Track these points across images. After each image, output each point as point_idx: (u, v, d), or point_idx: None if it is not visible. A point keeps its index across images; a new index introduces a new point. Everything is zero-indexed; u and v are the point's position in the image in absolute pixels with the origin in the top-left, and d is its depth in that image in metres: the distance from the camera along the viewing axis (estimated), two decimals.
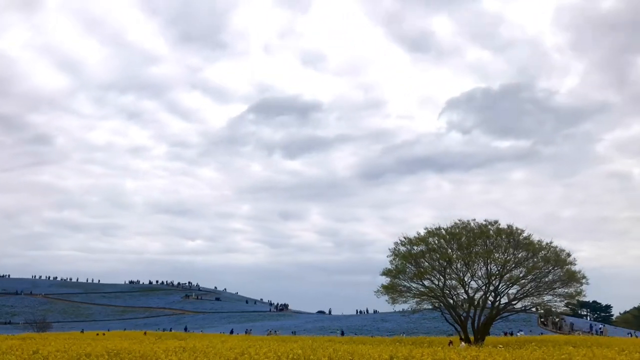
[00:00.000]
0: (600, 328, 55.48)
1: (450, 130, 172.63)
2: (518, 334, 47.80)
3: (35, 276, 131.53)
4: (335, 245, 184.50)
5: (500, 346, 24.19)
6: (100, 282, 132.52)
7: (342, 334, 53.11)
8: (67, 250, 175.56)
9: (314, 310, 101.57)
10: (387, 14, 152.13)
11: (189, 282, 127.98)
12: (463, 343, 25.85)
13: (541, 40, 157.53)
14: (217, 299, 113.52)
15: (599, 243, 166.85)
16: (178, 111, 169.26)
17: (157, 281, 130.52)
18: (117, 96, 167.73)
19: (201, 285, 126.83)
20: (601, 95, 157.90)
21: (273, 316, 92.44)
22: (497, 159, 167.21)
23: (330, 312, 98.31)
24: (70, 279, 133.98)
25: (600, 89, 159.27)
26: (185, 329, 62.46)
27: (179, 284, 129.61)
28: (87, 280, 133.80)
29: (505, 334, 46.86)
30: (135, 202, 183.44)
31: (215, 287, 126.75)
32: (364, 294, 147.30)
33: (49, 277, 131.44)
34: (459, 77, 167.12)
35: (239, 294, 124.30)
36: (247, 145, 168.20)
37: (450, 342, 27.61)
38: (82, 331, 50.64)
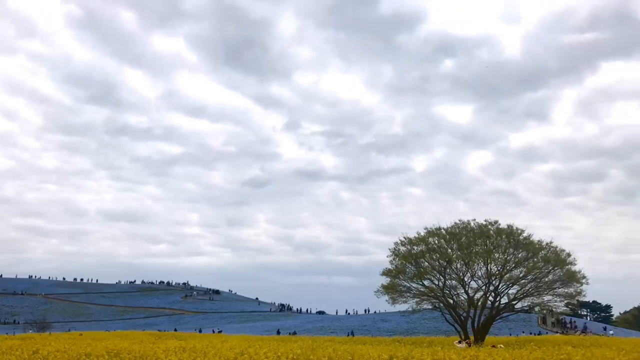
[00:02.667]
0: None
1: (320, 154, 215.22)
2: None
3: (35, 276, 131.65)
4: (294, 248, 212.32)
5: (501, 345, 24.19)
6: (99, 282, 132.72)
7: (295, 333, 51.51)
8: (42, 254, 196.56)
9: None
10: (230, 81, 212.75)
11: (170, 283, 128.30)
12: (462, 344, 25.77)
13: (359, 100, 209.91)
14: (192, 293, 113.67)
15: None
16: (111, 146, 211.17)
17: (161, 282, 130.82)
18: (53, 135, 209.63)
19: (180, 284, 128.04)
20: (429, 133, 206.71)
21: (273, 316, 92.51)
22: (375, 174, 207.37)
23: (299, 309, 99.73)
24: (67, 278, 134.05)
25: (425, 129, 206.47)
26: (200, 331, 61.71)
27: (177, 284, 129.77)
28: (82, 280, 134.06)
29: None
30: (91, 212, 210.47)
31: (211, 289, 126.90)
32: (338, 294, 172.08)
33: (27, 277, 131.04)
34: (310, 123, 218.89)
35: (230, 291, 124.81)
36: (176, 165, 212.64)
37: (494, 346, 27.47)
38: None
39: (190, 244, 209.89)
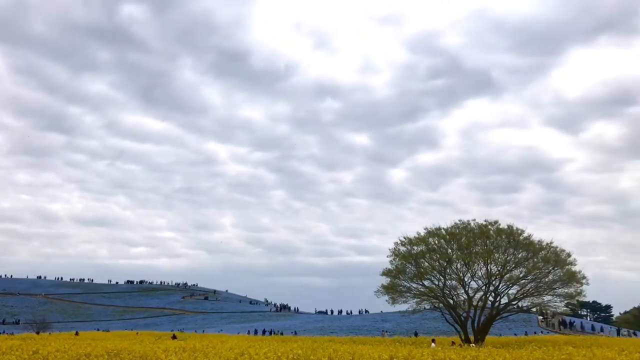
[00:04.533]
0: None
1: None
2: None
3: (38, 276, 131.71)
4: (266, 251, 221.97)
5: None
6: (96, 282, 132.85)
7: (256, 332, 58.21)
8: (27, 256, 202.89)
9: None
10: (160, 115, 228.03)
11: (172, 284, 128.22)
12: (434, 344, 25.64)
13: (272, 128, 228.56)
14: (181, 296, 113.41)
15: None
16: (74, 165, 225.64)
17: (161, 282, 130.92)
18: (21, 157, 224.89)
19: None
20: (342, 152, 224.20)
21: (273, 316, 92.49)
22: (311, 185, 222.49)
23: (296, 309, 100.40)
24: (71, 279, 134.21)
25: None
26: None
27: (177, 284, 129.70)
28: (82, 280, 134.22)
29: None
30: (64, 218, 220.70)
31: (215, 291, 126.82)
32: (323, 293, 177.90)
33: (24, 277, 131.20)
34: (237, 145, 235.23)
35: (226, 291, 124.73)
36: (135, 179, 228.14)
37: (453, 343, 27.59)
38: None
39: (167, 247, 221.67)
